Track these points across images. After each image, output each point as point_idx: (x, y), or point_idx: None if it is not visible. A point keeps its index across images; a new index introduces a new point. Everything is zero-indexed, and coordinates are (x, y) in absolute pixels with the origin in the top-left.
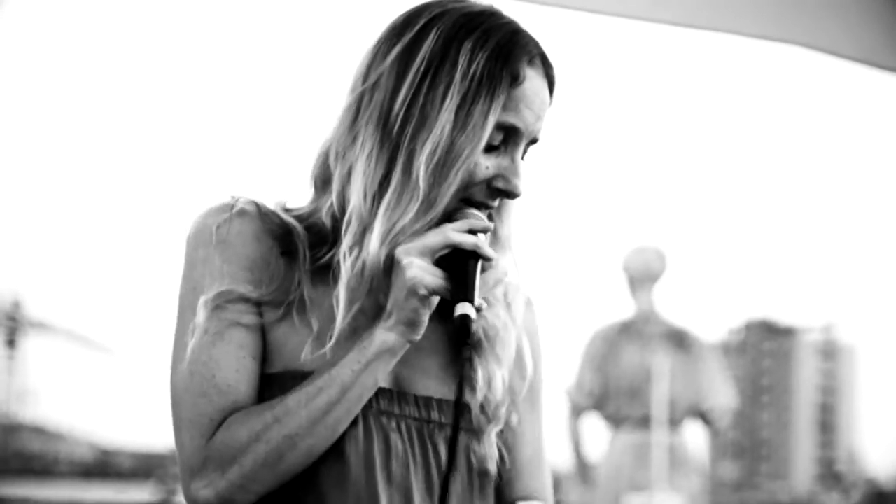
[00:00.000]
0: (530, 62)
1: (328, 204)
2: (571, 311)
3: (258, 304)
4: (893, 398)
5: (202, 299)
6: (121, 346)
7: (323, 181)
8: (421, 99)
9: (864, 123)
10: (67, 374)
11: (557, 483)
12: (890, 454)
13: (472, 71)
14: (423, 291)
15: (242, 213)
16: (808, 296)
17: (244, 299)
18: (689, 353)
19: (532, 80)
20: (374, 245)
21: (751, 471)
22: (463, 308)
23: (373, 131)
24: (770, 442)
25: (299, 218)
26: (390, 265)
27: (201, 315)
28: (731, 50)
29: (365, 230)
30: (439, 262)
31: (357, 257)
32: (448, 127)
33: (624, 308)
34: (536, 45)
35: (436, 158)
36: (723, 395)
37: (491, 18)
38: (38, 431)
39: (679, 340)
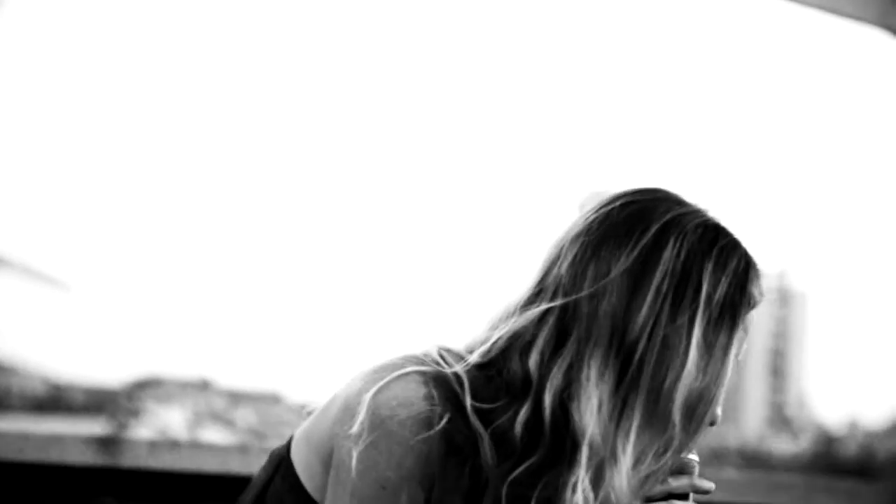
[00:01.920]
0: (759, 287)
1: (526, 411)
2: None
3: None
4: (843, 345)
5: None
6: (77, 281)
7: (523, 381)
8: (663, 322)
9: (819, 72)
10: (21, 309)
11: None
12: (839, 400)
13: (716, 298)
14: None
15: (442, 435)
16: (761, 243)
17: None
18: None
19: (758, 305)
20: (621, 484)
21: None
22: None
23: (604, 350)
24: None
25: (486, 418)
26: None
27: None
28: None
29: (602, 463)
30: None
31: (597, 496)
32: (696, 366)
33: None
34: (759, 264)
35: (689, 404)
36: None
37: (723, 234)
38: None
39: None
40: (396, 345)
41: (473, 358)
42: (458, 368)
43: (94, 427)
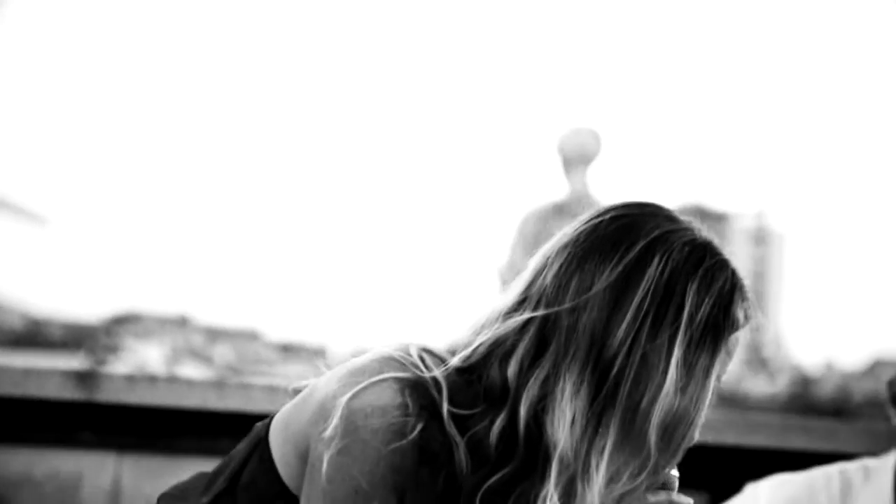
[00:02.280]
0: (745, 310)
1: (502, 420)
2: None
3: None
4: (820, 287)
5: None
6: (56, 215)
7: (501, 389)
8: (643, 340)
9: (801, 12)
10: None
11: None
12: (815, 341)
13: (698, 318)
14: None
15: (415, 444)
16: (740, 182)
17: None
18: None
19: (743, 328)
20: (593, 501)
21: None
22: None
23: (581, 364)
24: None
25: (463, 425)
26: None
27: None
28: None
29: (573, 478)
30: None
31: None
32: (676, 386)
33: (557, 189)
34: (746, 287)
35: (667, 425)
36: None
37: (711, 253)
38: None
39: None
40: (377, 300)
41: (454, 362)
42: (438, 373)
43: (73, 362)
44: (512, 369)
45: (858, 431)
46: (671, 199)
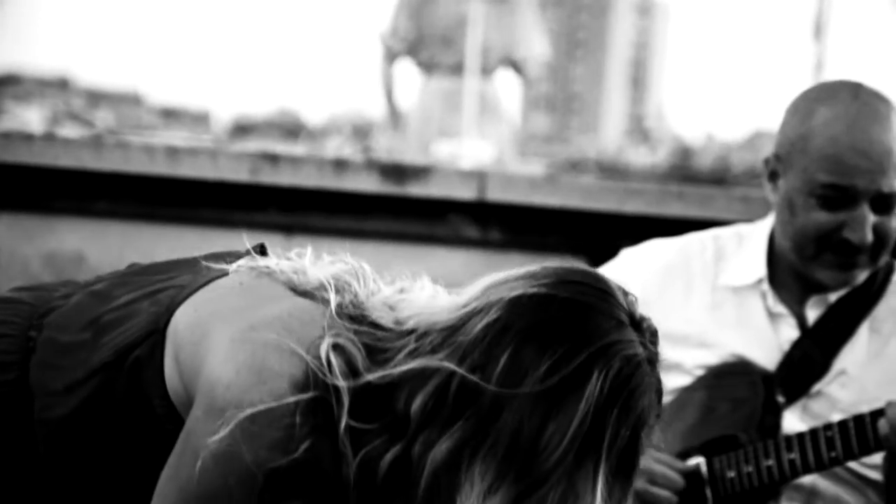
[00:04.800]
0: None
1: (395, 452)
2: None
3: None
4: (702, 59)
5: None
6: None
7: (401, 421)
8: (570, 465)
9: None
10: None
11: (368, 129)
12: (697, 113)
13: (615, 449)
14: None
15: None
16: None
17: None
18: (506, 2)
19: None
20: None
21: (561, 124)
22: None
23: (500, 465)
24: (582, 96)
25: (361, 438)
26: None
27: None
28: None
29: None
30: None
31: None
32: None
33: None
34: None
35: None
36: (537, 46)
37: (640, 375)
38: None
39: None
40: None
41: (370, 378)
42: (345, 385)
43: None
44: (416, 406)
45: (734, 199)
46: None
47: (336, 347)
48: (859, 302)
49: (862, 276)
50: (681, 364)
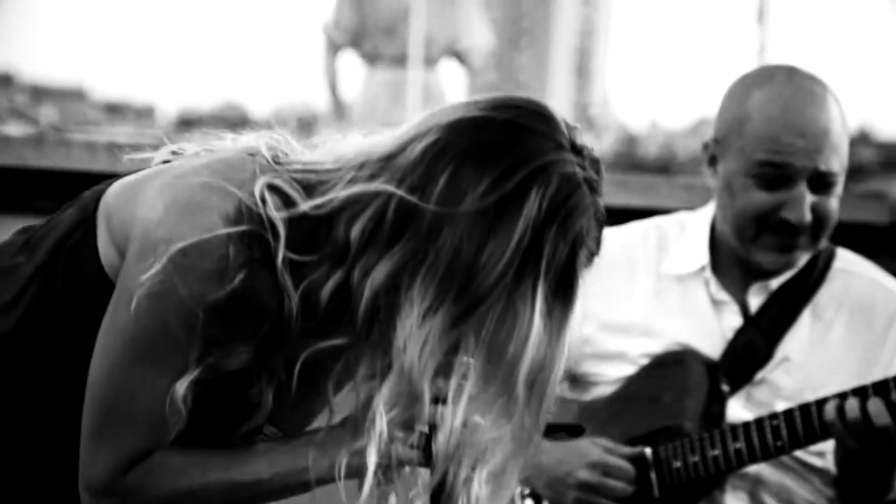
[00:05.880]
0: (590, 258)
1: (336, 280)
2: None
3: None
4: (647, 46)
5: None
6: None
7: (342, 249)
8: (509, 282)
9: None
10: None
11: (313, 122)
12: (641, 101)
13: (553, 267)
14: None
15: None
16: None
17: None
18: None
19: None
20: (441, 444)
21: None
22: None
23: (440, 285)
24: (527, 85)
25: (300, 271)
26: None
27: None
28: None
29: (415, 402)
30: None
31: (407, 443)
32: (540, 337)
33: None
34: (600, 231)
35: (534, 377)
36: (480, 35)
37: (580, 195)
38: None
39: None
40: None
41: (304, 207)
42: (277, 216)
43: None
44: (355, 232)
45: (677, 187)
46: None
47: (271, 187)
48: (801, 288)
49: (803, 258)
50: (625, 353)
